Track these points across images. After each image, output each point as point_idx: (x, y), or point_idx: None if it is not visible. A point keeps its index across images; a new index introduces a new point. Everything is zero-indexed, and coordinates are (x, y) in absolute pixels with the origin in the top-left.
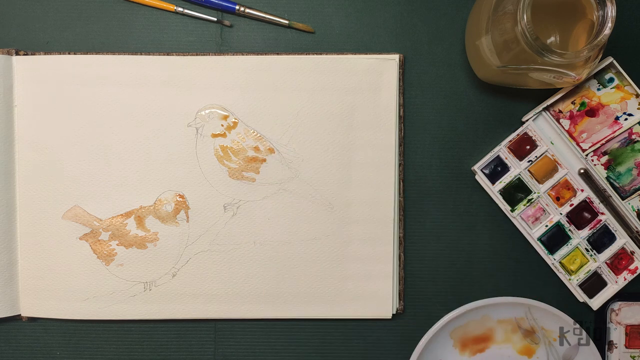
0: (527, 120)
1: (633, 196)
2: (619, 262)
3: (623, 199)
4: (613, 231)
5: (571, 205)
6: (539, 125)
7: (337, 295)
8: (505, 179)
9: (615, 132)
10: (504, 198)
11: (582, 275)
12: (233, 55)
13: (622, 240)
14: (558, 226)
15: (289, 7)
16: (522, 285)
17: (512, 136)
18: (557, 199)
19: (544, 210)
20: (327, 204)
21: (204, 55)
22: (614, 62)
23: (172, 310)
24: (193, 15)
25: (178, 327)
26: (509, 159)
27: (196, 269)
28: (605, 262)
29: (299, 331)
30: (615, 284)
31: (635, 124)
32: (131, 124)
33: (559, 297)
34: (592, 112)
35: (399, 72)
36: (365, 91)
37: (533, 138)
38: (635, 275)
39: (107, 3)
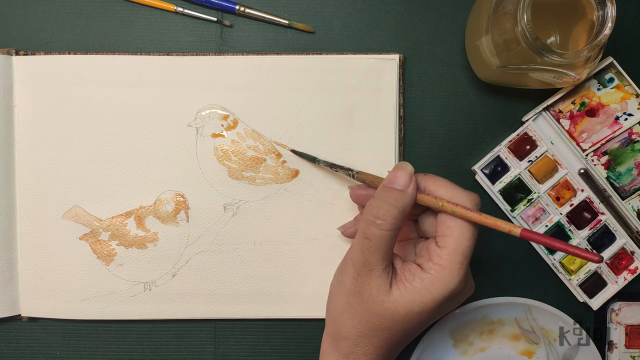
0: (527, 120)
1: (633, 196)
2: (619, 262)
3: (623, 199)
4: (613, 231)
5: (571, 205)
6: (539, 125)
7: None
8: (505, 179)
9: (615, 132)
10: (504, 198)
11: (582, 275)
12: (233, 55)
13: (622, 240)
14: (558, 226)
15: (289, 7)
16: (522, 285)
17: (512, 136)
18: (557, 199)
19: (544, 210)
20: (328, 204)
21: (204, 55)
22: (614, 62)
23: (172, 310)
24: (193, 15)
25: (178, 327)
26: (509, 159)
27: (196, 269)
28: (605, 262)
29: (299, 331)
30: (615, 284)
31: (635, 124)
32: (131, 124)
33: (559, 297)
34: (592, 112)
35: (399, 72)
36: (365, 91)
37: (533, 138)
38: (635, 275)
39: (107, 3)
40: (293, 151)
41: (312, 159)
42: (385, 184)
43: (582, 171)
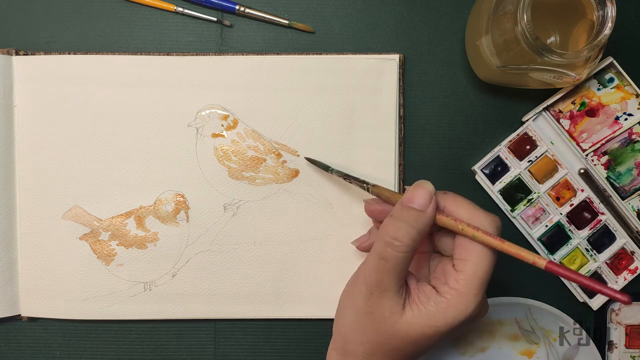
0: (527, 120)
1: (633, 196)
2: (619, 262)
3: (623, 199)
4: (613, 231)
5: (571, 205)
6: (539, 125)
7: (337, 295)
8: (505, 179)
9: (615, 132)
10: (504, 198)
11: None
12: (233, 55)
13: (622, 240)
14: (558, 226)
15: (289, 7)
16: (522, 285)
17: (512, 136)
18: (557, 199)
19: (544, 210)
20: (327, 204)
21: (204, 55)
22: (614, 62)
23: (172, 310)
24: (193, 15)
25: (178, 327)
26: (509, 159)
27: (196, 269)
28: (605, 262)
29: (299, 331)
30: (615, 284)
31: (635, 124)
32: (131, 124)
33: (559, 297)
34: (592, 112)
35: (399, 72)
36: (365, 91)
37: (533, 138)
38: (635, 275)
39: (107, 3)
40: (307, 159)
41: (325, 168)
42: (403, 203)
43: (582, 171)
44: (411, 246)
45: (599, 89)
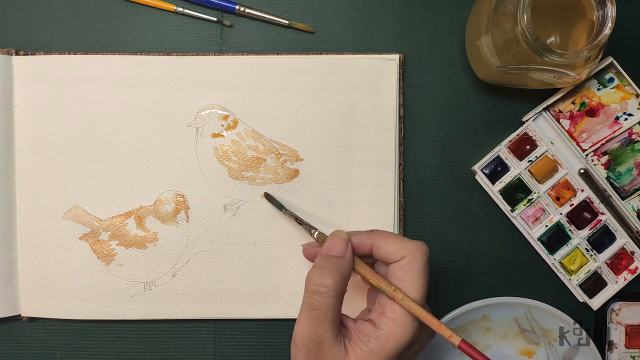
0: (527, 120)
1: (633, 196)
2: (619, 262)
3: (623, 199)
4: (613, 231)
5: (571, 205)
6: (539, 125)
7: None
8: (505, 179)
9: (615, 132)
10: (504, 198)
11: (582, 275)
12: (233, 55)
13: (622, 240)
14: (558, 226)
15: (289, 7)
16: (522, 285)
17: (512, 136)
18: (557, 199)
19: (544, 210)
20: (327, 204)
21: (204, 55)
22: (614, 62)
23: (172, 310)
24: (193, 15)
25: (178, 327)
26: (509, 159)
27: (196, 269)
28: (605, 262)
29: None
30: (615, 284)
31: (635, 124)
32: (131, 124)
33: (559, 297)
34: (592, 112)
35: (399, 72)
36: (365, 91)
37: (533, 138)
38: (635, 275)
39: (107, 3)
40: (266, 194)
41: (280, 207)
42: (323, 253)
43: (582, 171)
44: (337, 290)
45: (599, 89)
